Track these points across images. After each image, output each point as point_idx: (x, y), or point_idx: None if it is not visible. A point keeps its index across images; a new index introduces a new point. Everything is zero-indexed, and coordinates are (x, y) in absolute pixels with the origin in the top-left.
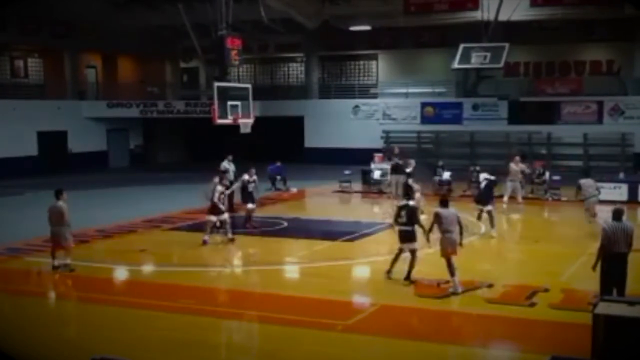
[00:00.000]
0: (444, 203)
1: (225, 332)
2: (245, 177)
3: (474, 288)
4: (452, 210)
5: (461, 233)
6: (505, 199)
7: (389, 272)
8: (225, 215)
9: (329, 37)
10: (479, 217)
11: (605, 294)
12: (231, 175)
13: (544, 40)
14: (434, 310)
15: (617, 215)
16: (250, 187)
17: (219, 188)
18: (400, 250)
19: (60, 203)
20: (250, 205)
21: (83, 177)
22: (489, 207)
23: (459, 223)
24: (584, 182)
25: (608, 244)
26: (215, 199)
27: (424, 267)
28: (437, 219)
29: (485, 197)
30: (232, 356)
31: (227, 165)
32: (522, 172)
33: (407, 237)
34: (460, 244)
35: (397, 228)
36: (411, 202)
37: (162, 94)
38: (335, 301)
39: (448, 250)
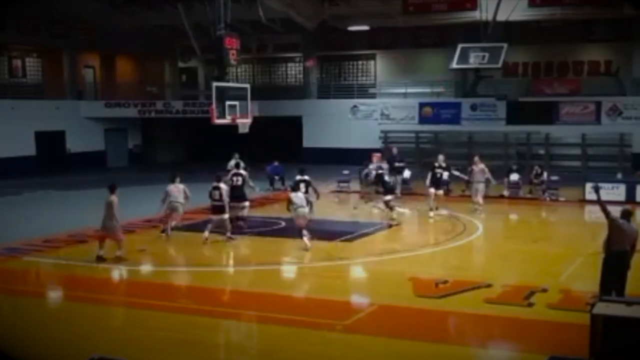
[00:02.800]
0: (295, 189)
1: (223, 332)
2: (232, 163)
3: (472, 288)
4: (299, 194)
5: (311, 208)
6: (479, 199)
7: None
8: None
9: (327, 37)
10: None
11: (604, 294)
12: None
13: (542, 40)
14: (432, 310)
15: (625, 215)
16: (237, 180)
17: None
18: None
19: (112, 197)
20: (242, 203)
21: (81, 177)
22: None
23: (308, 201)
24: None
25: (613, 239)
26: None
27: (422, 267)
28: (289, 200)
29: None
30: (230, 356)
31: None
32: (483, 171)
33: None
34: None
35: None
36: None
37: (160, 94)
38: (333, 301)
39: (300, 221)
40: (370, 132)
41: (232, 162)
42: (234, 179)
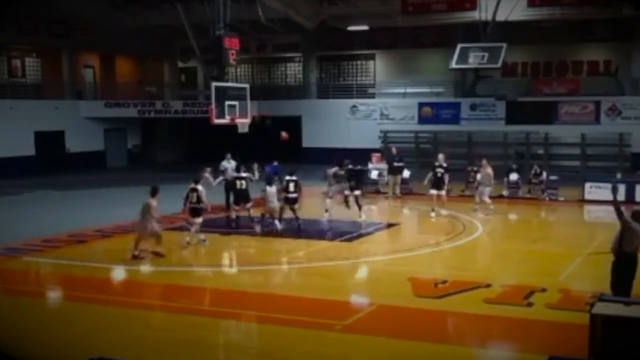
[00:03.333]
0: (269, 183)
1: (223, 332)
2: (224, 163)
3: (472, 288)
4: (273, 189)
5: (297, 202)
6: (486, 199)
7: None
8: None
9: (327, 37)
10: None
11: (617, 295)
12: (230, 174)
13: (541, 40)
14: (432, 310)
15: (637, 216)
16: (241, 184)
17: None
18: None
19: (150, 201)
20: (247, 204)
21: (81, 176)
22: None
23: (293, 198)
24: None
25: (626, 240)
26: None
27: (422, 267)
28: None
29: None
30: (230, 356)
31: (227, 164)
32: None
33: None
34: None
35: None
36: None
37: (160, 94)
38: (333, 301)
39: (269, 211)
40: (369, 132)
41: (224, 163)
42: (238, 182)
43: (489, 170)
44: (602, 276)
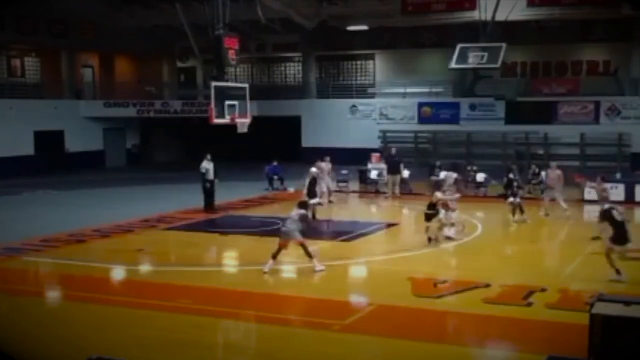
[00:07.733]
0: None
1: (222, 332)
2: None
3: (471, 288)
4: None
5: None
6: (564, 205)
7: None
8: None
9: (326, 37)
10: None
11: None
12: (211, 175)
13: (541, 40)
14: (432, 310)
15: None
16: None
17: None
18: None
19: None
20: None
21: (81, 176)
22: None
23: None
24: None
25: None
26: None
27: (422, 267)
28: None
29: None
30: (230, 356)
31: (207, 165)
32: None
33: None
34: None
35: None
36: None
37: (159, 94)
38: (333, 301)
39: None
40: (369, 132)
41: (205, 164)
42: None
43: (559, 172)
44: (602, 276)
